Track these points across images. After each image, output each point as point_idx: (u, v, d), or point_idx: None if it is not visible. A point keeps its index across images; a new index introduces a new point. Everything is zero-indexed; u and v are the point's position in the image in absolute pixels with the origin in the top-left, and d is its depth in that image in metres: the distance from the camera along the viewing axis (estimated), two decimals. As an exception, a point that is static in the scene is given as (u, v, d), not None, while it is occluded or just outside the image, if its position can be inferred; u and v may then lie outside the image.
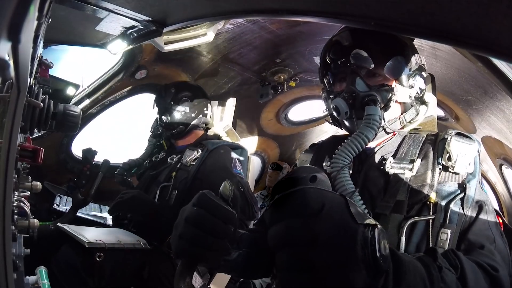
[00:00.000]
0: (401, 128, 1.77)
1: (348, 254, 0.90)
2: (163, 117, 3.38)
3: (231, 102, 4.01)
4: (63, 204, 3.67)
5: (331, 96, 1.80)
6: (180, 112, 3.37)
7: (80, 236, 2.45)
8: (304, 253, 0.93)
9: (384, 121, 1.69)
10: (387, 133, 1.75)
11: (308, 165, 1.86)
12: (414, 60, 1.73)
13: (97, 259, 2.40)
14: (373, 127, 1.61)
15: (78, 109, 1.60)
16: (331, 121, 1.94)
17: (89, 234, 2.54)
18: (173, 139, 3.52)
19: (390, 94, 1.68)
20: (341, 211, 0.94)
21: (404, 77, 1.71)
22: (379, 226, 0.94)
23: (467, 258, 1.24)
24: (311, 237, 0.91)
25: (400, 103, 1.75)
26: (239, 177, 3.02)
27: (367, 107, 1.63)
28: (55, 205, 3.59)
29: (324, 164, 1.74)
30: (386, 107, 1.69)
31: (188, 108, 3.39)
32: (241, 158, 3.28)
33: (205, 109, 3.53)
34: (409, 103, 1.75)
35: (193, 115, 3.42)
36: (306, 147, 2.04)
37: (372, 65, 1.66)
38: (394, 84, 1.70)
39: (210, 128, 3.72)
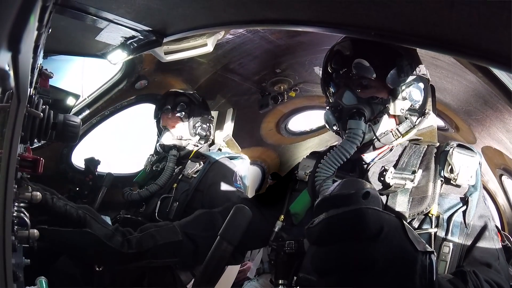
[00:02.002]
0: (395, 140, 1.73)
1: (406, 283, 0.89)
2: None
3: (231, 112, 4.01)
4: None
5: (327, 107, 1.80)
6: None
7: None
8: (359, 279, 0.90)
9: (374, 134, 1.68)
10: (375, 148, 1.74)
11: (311, 170, 1.85)
12: (409, 71, 1.71)
13: (97, 268, 2.38)
14: (353, 141, 1.61)
15: (78, 119, 1.60)
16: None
17: None
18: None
19: (381, 107, 1.68)
20: (399, 235, 0.92)
21: (397, 89, 1.69)
22: (434, 253, 0.93)
23: (483, 278, 1.24)
24: (368, 263, 0.88)
25: (393, 116, 1.73)
26: (239, 192, 3.02)
27: (349, 121, 1.63)
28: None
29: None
30: (375, 120, 1.68)
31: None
32: (242, 172, 3.28)
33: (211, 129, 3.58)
34: (403, 115, 1.73)
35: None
36: (306, 157, 2.03)
37: (374, 75, 1.65)
38: (386, 96, 1.70)
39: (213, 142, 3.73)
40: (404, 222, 0.95)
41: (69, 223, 1.55)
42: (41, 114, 1.34)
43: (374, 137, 1.68)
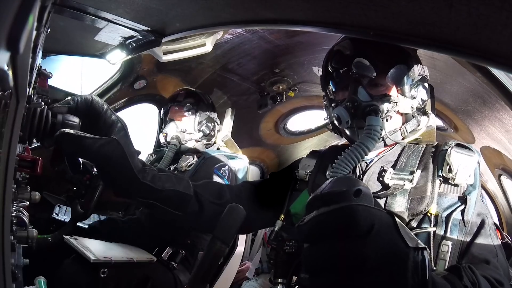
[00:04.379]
0: (402, 139, 1.76)
1: (399, 280, 0.87)
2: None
3: (230, 112, 4.00)
4: (62, 213, 3.64)
5: (332, 105, 1.79)
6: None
7: (86, 251, 2.39)
8: (350, 277, 0.89)
9: (385, 131, 1.69)
10: (386, 144, 1.75)
11: (312, 170, 1.85)
12: (417, 70, 1.73)
13: (101, 275, 2.35)
14: (373, 138, 1.59)
15: (77, 119, 1.59)
16: (331, 128, 1.93)
17: (96, 248, 2.48)
18: None
19: (392, 105, 1.68)
20: (390, 232, 0.91)
21: (406, 87, 1.71)
22: (427, 249, 0.92)
23: (480, 275, 1.23)
24: (359, 261, 0.87)
25: (401, 113, 1.75)
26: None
27: (369, 117, 1.62)
28: (54, 214, 3.55)
29: (327, 173, 1.72)
30: (387, 118, 1.69)
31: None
32: (238, 167, 3.27)
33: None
34: (410, 114, 1.75)
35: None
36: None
37: (374, 74, 1.66)
38: (396, 94, 1.71)
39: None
40: (396, 218, 0.94)
41: (100, 128, 1.48)
42: (43, 103, 1.34)
43: (385, 134, 1.70)
